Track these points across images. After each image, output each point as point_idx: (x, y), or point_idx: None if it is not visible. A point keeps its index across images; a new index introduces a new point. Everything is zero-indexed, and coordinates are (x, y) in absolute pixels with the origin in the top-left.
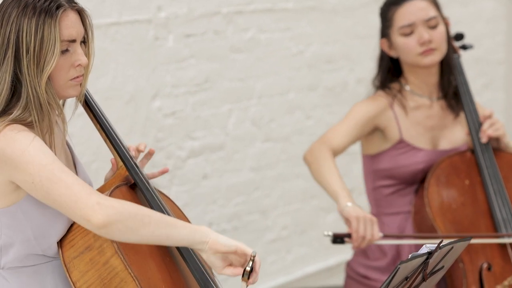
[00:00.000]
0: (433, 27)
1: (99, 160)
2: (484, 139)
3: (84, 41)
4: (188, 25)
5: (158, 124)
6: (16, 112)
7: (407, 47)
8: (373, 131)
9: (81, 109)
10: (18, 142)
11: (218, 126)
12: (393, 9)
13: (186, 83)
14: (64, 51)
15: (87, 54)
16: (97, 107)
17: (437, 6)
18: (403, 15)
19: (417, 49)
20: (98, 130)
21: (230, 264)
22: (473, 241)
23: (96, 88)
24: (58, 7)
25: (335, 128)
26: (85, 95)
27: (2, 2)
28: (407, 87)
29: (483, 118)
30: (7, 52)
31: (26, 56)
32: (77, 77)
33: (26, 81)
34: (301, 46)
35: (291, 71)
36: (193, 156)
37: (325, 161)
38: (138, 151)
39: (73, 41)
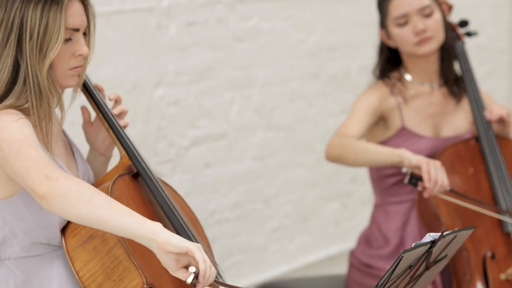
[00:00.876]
0: (428, 15)
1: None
2: (488, 116)
3: (85, 33)
4: (191, 13)
5: (161, 113)
6: (12, 97)
7: (402, 38)
8: (377, 120)
9: (83, 98)
10: (1, 121)
11: (221, 115)
12: (387, 1)
13: (189, 71)
14: (67, 40)
15: (88, 45)
16: (99, 96)
17: None
18: (397, 6)
19: (412, 39)
20: (100, 120)
21: (186, 267)
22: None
23: (98, 77)
24: None
25: (346, 122)
26: (88, 84)
27: None
28: (407, 76)
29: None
30: (10, 36)
31: (29, 42)
32: (77, 67)
33: (27, 66)
34: (303, 34)
35: (294, 60)
36: (195, 144)
37: (357, 142)
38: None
39: (77, 30)
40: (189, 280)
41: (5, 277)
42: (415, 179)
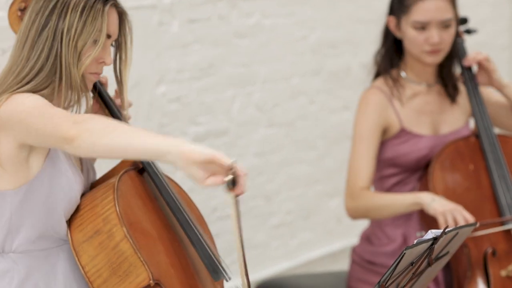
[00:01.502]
0: (446, 27)
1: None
2: (466, 63)
3: (112, 45)
4: (192, 10)
5: (163, 110)
6: (34, 82)
7: (415, 41)
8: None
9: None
10: (16, 98)
11: (222, 112)
12: (413, 0)
13: (190, 68)
14: (95, 42)
15: (125, 60)
16: (104, 92)
17: (454, 5)
18: (421, 10)
19: (424, 47)
20: (106, 116)
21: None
22: (479, 232)
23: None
24: (105, 2)
25: (353, 163)
26: (98, 87)
27: None
28: (404, 74)
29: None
30: (47, 24)
31: (66, 35)
32: (96, 73)
33: (64, 58)
34: (304, 31)
35: (295, 56)
36: (197, 141)
37: (374, 198)
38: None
39: (109, 37)
40: (227, 181)
41: (8, 270)
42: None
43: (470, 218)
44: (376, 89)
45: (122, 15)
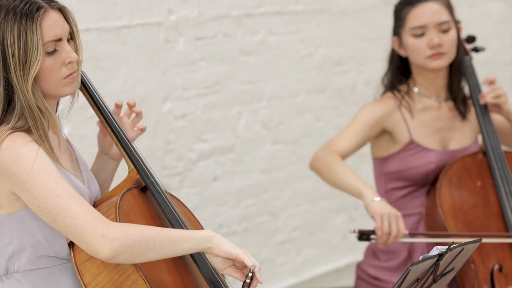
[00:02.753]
0: (445, 31)
1: None
2: (481, 101)
3: (72, 38)
4: (199, 28)
5: (169, 126)
6: (13, 120)
7: (416, 49)
8: (381, 133)
9: (92, 112)
10: (22, 159)
11: (228, 129)
12: (407, 9)
13: (197, 85)
14: (52, 52)
15: (76, 50)
16: (108, 111)
17: (450, 10)
18: (415, 16)
19: (426, 52)
20: (109, 134)
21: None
22: (485, 240)
23: (107, 91)
24: (38, 9)
25: (340, 133)
26: (97, 99)
27: None
28: (415, 89)
29: (485, 81)
30: None
31: (12, 62)
32: (71, 74)
33: (16, 87)
34: (310, 48)
35: (301, 73)
36: (203, 158)
37: (337, 163)
38: (117, 106)
39: (59, 40)
40: (247, 280)
41: None
42: (366, 235)
43: (403, 229)
44: (385, 97)
45: (62, 10)
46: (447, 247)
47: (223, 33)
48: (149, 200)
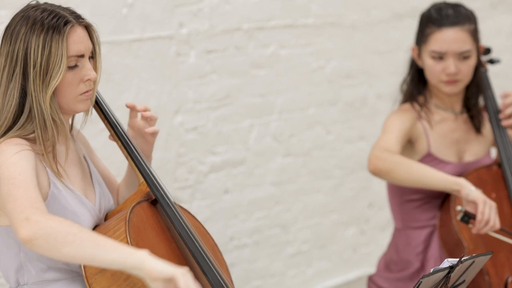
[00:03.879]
0: (464, 59)
1: (122, 174)
2: (503, 123)
3: (92, 56)
4: (210, 41)
5: (180, 139)
6: (19, 128)
7: (432, 71)
8: (406, 142)
9: (103, 125)
10: (2, 154)
11: (239, 141)
12: (432, 28)
13: (208, 98)
14: (73, 67)
15: (95, 68)
16: (119, 126)
17: (474, 36)
18: (438, 41)
19: (441, 77)
20: (120, 147)
21: None
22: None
23: (119, 104)
24: (65, 23)
25: (385, 137)
26: (108, 114)
27: (11, 20)
28: (431, 101)
29: (503, 96)
30: (15, 69)
31: (32, 72)
32: (87, 91)
33: (32, 96)
34: (321, 61)
35: (311, 87)
36: (214, 171)
37: (408, 160)
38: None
39: (82, 56)
40: None
41: None
42: (468, 217)
43: (498, 223)
44: (403, 108)
45: (88, 28)
46: (458, 259)
47: (234, 46)
48: (159, 213)
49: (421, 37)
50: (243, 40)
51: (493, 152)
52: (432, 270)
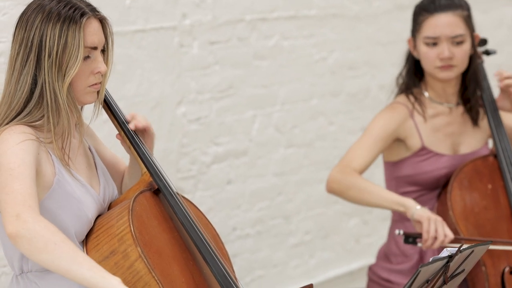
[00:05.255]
0: (458, 44)
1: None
2: (500, 83)
3: (104, 50)
4: (213, 32)
5: (183, 130)
6: (27, 112)
7: (427, 57)
8: (394, 141)
9: (106, 116)
10: (6, 143)
11: (242, 132)
12: (424, 16)
13: (211, 89)
14: (86, 58)
15: (106, 62)
16: (121, 115)
17: (468, 21)
18: (430, 26)
19: (435, 62)
20: (122, 137)
21: None
22: (493, 247)
23: (122, 94)
24: (82, 15)
25: (354, 149)
26: (110, 103)
27: (26, 8)
28: (426, 94)
29: (497, 74)
30: (29, 56)
31: (48, 60)
32: (95, 84)
33: (46, 84)
34: (324, 52)
35: (314, 78)
36: (217, 161)
37: (361, 181)
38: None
39: (95, 48)
40: None
41: None
42: (412, 238)
43: (450, 234)
44: (397, 103)
45: (102, 21)
46: (457, 249)
47: (237, 37)
48: (162, 202)
49: (415, 26)
50: (246, 31)
51: (491, 144)
52: (431, 259)
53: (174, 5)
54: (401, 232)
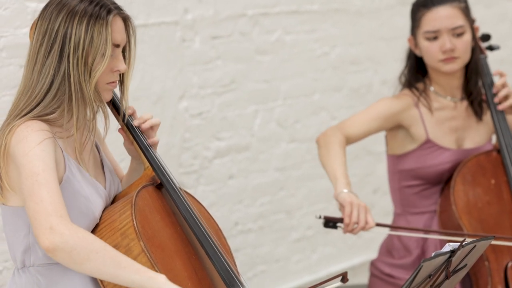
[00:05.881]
0: (459, 35)
1: (127, 159)
2: (499, 107)
3: (125, 50)
4: (215, 27)
5: (185, 125)
6: (46, 104)
7: (429, 52)
8: (396, 128)
9: (108, 110)
10: (25, 142)
11: (244, 127)
12: (422, 11)
13: (213, 84)
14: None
15: (129, 62)
16: (124, 110)
17: (466, 13)
18: (429, 20)
19: (438, 56)
20: (125, 132)
21: None
22: (496, 242)
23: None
24: (109, 12)
25: (354, 117)
26: (113, 97)
27: (49, 2)
28: (431, 88)
29: (496, 73)
30: (53, 47)
31: (73, 54)
32: (113, 82)
33: (71, 77)
34: (326, 47)
35: (316, 73)
36: (219, 156)
37: (334, 146)
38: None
39: (117, 46)
40: None
41: (29, 283)
42: (332, 222)
43: (371, 222)
44: (403, 94)
45: (126, 20)
46: (459, 243)
47: (239, 32)
48: (164, 197)
49: (414, 23)
50: (248, 26)
51: (494, 139)
52: (433, 254)
53: (176, 0)
54: (322, 216)
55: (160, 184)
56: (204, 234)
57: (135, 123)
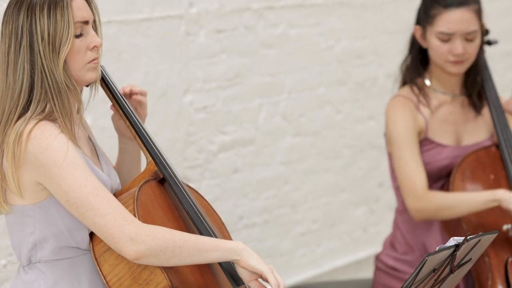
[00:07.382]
0: (470, 40)
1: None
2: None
3: (94, 27)
4: (219, 20)
5: (190, 119)
6: (34, 103)
7: (439, 52)
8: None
9: (108, 107)
10: (53, 151)
11: (249, 121)
12: (438, 9)
13: (217, 78)
14: (78, 35)
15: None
16: (126, 104)
17: (479, 16)
18: (445, 21)
19: (448, 57)
20: (128, 127)
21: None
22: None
23: (128, 83)
24: None
25: (404, 169)
26: (115, 92)
27: (8, 4)
28: (428, 83)
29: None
30: (22, 43)
31: (41, 43)
32: (94, 59)
33: (43, 66)
34: (330, 41)
35: (321, 66)
36: (224, 150)
37: (442, 197)
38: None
39: (86, 22)
40: None
41: (36, 279)
42: None
43: None
44: (402, 97)
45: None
46: (464, 237)
47: (244, 26)
48: (167, 192)
49: (426, 18)
50: (252, 19)
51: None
52: (437, 248)
53: None
54: (510, 226)
55: (163, 178)
56: (207, 228)
57: (121, 91)
